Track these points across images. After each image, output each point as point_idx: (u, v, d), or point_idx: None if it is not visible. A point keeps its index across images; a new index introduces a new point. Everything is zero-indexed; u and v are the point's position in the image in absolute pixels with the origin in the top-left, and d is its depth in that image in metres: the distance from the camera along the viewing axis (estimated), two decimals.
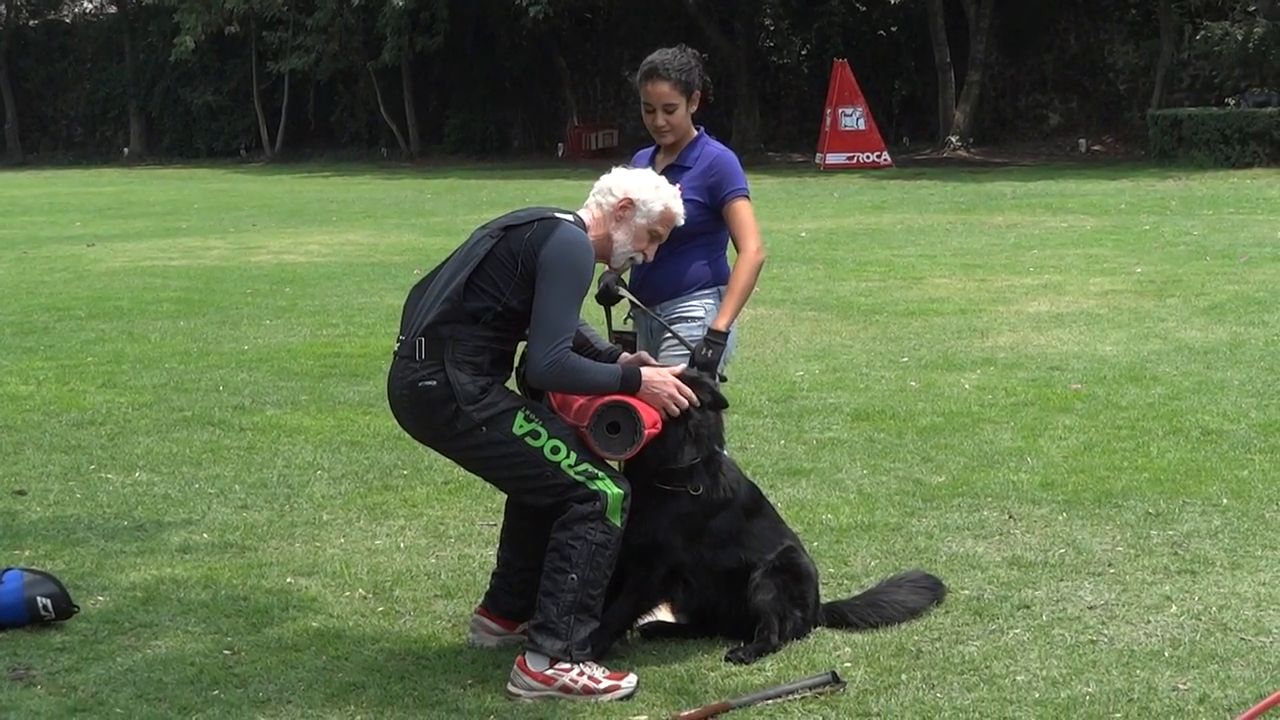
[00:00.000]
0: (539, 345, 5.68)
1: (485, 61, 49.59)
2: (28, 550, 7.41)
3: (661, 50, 6.68)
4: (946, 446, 9.07)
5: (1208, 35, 35.89)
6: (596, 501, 5.70)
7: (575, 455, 5.74)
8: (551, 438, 5.74)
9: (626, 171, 6.12)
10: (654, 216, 6.01)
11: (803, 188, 31.68)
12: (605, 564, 5.70)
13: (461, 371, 5.71)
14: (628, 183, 6.01)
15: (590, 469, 5.74)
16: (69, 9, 60.66)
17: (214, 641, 6.17)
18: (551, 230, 5.76)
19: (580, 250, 5.76)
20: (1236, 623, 6.11)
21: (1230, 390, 10.39)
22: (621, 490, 5.75)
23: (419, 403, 5.77)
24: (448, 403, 5.70)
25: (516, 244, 5.77)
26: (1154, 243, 19.22)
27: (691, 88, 6.60)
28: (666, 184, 6.09)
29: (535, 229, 5.78)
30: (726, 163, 6.64)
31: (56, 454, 9.39)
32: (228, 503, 8.24)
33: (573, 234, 5.78)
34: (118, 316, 15.06)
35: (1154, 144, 34.27)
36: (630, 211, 5.98)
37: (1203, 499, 7.83)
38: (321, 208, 29.78)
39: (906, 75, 44.41)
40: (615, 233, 5.99)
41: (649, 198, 5.99)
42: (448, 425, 5.74)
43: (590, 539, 5.67)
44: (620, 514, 5.73)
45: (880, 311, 14.26)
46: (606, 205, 5.99)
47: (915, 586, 6.36)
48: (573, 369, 5.70)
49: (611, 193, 5.99)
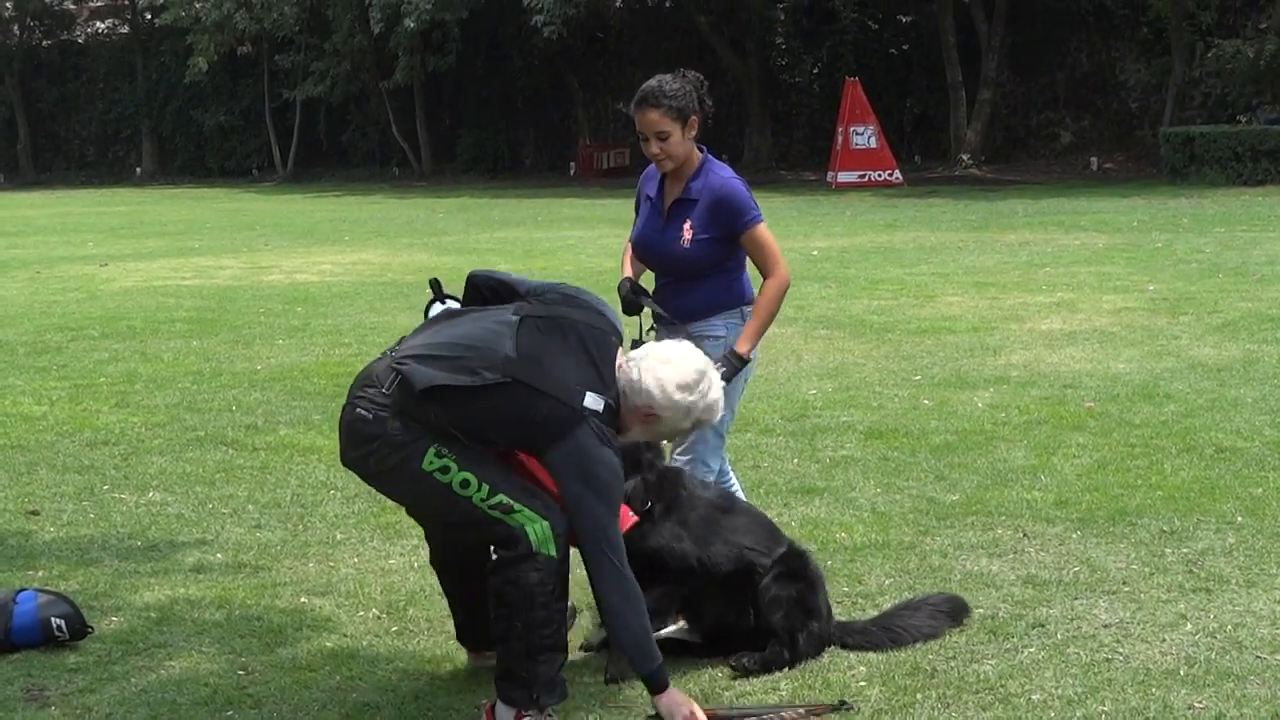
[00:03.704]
0: (604, 559, 5.31)
1: (497, 81, 49.75)
2: (41, 571, 7.41)
3: (658, 76, 6.52)
4: (960, 465, 9.06)
5: (1219, 53, 35.91)
6: (519, 544, 5.31)
7: (487, 488, 5.32)
8: (461, 471, 5.31)
9: (667, 373, 5.44)
10: (681, 431, 5.67)
11: (815, 206, 31.69)
12: (548, 599, 5.33)
13: (400, 423, 5.31)
14: (659, 398, 5.42)
15: (505, 501, 5.32)
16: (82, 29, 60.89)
17: (228, 662, 6.17)
18: (569, 431, 5.28)
19: (614, 466, 5.33)
20: (1252, 641, 6.09)
21: (1244, 408, 10.37)
22: (546, 520, 5.33)
23: (347, 429, 5.45)
24: (371, 440, 5.35)
25: (527, 415, 5.30)
26: (1166, 260, 19.20)
27: (686, 113, 6.41)
28: (709, 395, 5.50)
29: (556, 422, 5.28)
30: (734, 195, 6.49)
31: (70, 474, 9.39)
32: (241, 522, 8.24)
33: (601, 449, 5.30)
34: (130, 336, 15.08)
35: (1166, 162, 34.28)
36: (654, 421, 5.51)
37: (1217, 517, 7.81)
38: (334, 227, 29.83)
39: (918, 94, 44.49)
40: (632, 422, 5.51)
41: (677, 419, 5.50)
42: (365, 460, 5.41)
43: (523, 582, 5.30)
44: (554, 541, 5.34)
45: (893, 330, 14.25)
46: (629, 402, 5.46)
47: (934, 611, 6.32)
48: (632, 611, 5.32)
49: (639, 395, 5.43)
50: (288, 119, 52.73)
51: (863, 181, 36.82)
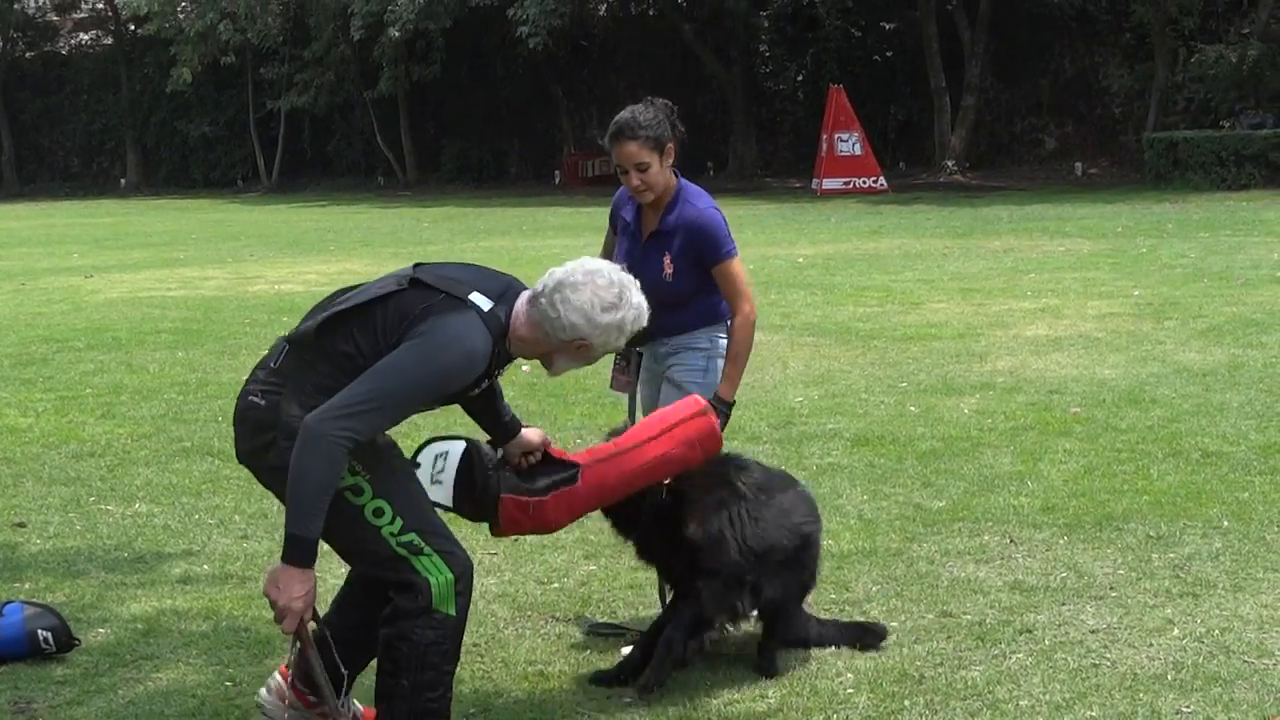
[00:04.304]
0: (332, 407, 4.78)
1: (481, 90, 49.72)
2: (28, 583, 7.39)
3: (629, 107, 6.39)
4: (946, 471, 9.07)
5: (1202, 58, 35.98)
6: (418, 596, 4.93)
7: (401, 522, 4.95)
8: (376, 497, 4.95)
9: (586, 300, 5.07)
10: (614, 348, 5.24)
11: (799, 213, 31.70)
12: (440, 661, 4.99)
13: (295, 403, 4.94)
14: (586, 327, 5.06)
15: (416, 542, 4.95)
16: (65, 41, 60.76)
17: (216, 673, 6.16)
18: (447, 313, 4.93)
19: (460, 357, 4.91)
20: (1239, 645, 6.10)
21: (1229, 412, 10.39)
22: (452, 574, 4.96)
23: (241, 418, 5.14)
24: (267, 430, 5.01)
25: (411, 307, 4.95)
26: (1151, 265, 19.23)
27: (663, 142, 6.29)
28: (632, 303, 5.20)
29: (438, 302, 4.95)
30: (708, 227, 6.36)
31: (56, 486, 9.38)
32: (228, 533, 8.23)
33: (467, 333, 4.92)
34: (116, 347, 15.05)
35: (1150, 167, 34.32)
36: (586, 349, 5.13)
37: (1203, 521, 7.82)
38: (319, 237, 29.80)
39: (902, 100, 44.50)
40: (559, 358, 5.17)
41: (611, 340, 5.14)
42: (261, 453, 5.05)
43: (417, 639, 4.94)
44: (453, 600, 4.97)
45: (878, 336, 14.26)
46: (554, 338, 5.07)
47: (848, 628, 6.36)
48: (317, 465, 4.73)
49: (564, 330, 5.05)
50: (272, 129, 52.65)
51: (848, 188, 36.83)
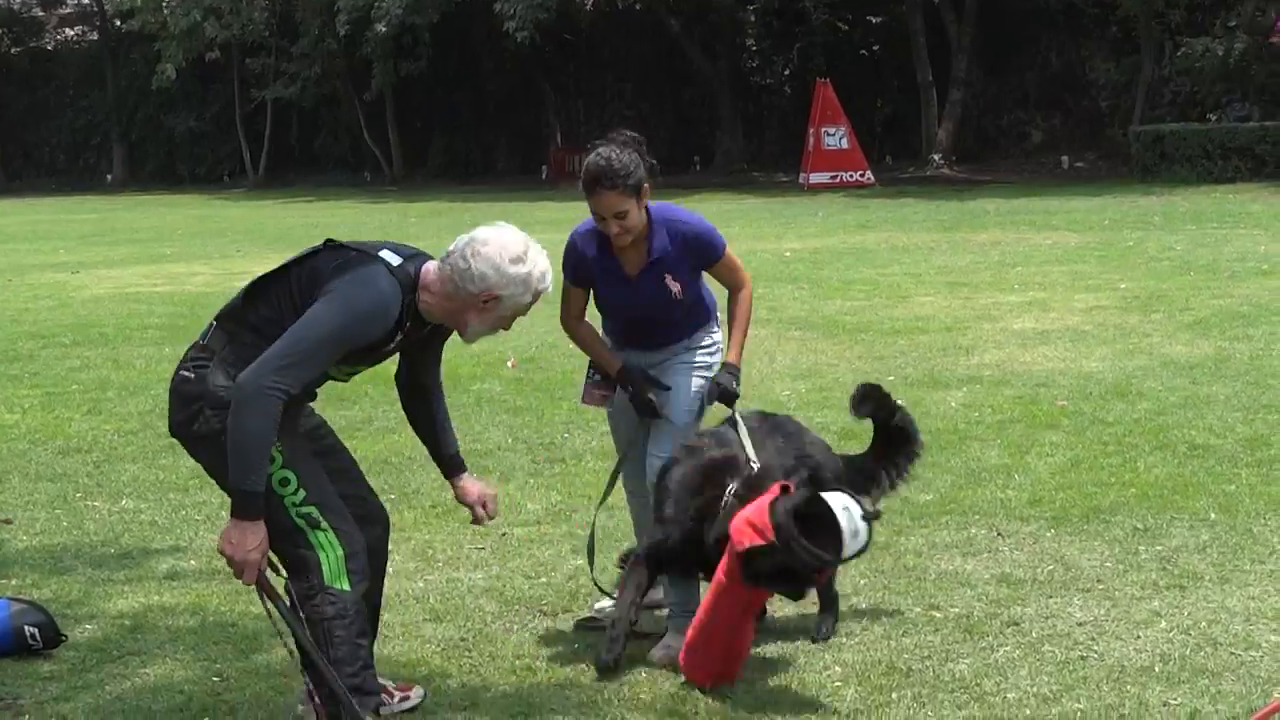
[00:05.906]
0: (261, 363, 4.96)
1: (468, 85, 49.70)
2: (14, 579, 7.38)
3: (598, 151, 6.13)
4: (934, 464, 9.06)
5: (1189, 51, 36.02)
6: (309, 575, 5.12)
7: (304, 493, 5.12)
8: (284, 467, 5.11)
9: (494, 251, 5.19)
10: (521, 307, 5.27)
11: (787, 207, 31.71)
12: (348, 635, 5.14)
13: (221, 373, 5.12)
14: (495, 277, 5.16)
15: (314, 515, 5.12)
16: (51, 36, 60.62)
17: (203, 669, 6.15)
18: (357, 266, 5.15)
19: (369, 302, 5.08)
20: (1226, 637, 6.11)
21: (1216, 405, 10.40)
22: (344, 550, 5.14)
23: (172, 395, 5.26)
24: (195, 400, 5.15)
25: (324, 265, 5.21)
26: (1138, 258, 19.25)
27: (640, 185, 6.11)
28: (539, 263, 5.27)
29: (349, 258, 5.18)
30: (702, 234, 6.32)
31: (42, 482, 9.36)
32: (214, 529, 8.18)
33: (374, 280, 5.11)
34: (102, 343, 15.02)
35: (1136, 160, 34.37)
36: (494, 305, 5.22)
37: (1190, 514, 7.83)
38: (306, 233, 29.71)
39: (889, 94, 44.58)
40: (470, 317, 5.26)
41: (517, 294, 5.21)
42: (188, 423, 5.19)
43: (318, 616, 5.11)
44: (346, 576, 5.14)
45: (866, 330, 14.27)
46: (464, 291, 5.18)
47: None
48: (255, 420, 4.90)
49: (474, 281, 5.17)
50: (259, 124, 52.55)
51: (835, 182, 36.85)
